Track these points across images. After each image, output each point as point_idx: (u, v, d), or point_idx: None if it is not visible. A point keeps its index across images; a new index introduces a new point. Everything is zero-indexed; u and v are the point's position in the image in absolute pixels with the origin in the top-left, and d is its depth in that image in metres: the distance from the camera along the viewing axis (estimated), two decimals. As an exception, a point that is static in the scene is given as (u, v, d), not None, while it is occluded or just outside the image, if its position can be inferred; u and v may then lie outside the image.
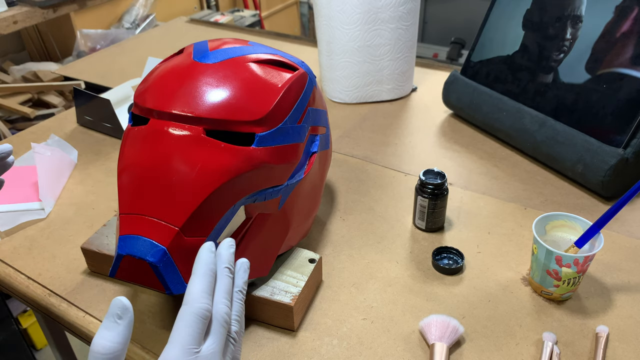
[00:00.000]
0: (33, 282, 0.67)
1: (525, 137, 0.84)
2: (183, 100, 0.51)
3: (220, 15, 2.27)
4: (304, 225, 0.66)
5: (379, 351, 0.56)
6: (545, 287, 0.60)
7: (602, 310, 0.60)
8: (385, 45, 0.99)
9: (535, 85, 0.84)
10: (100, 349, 0.37)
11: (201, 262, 0.42)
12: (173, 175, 0.49)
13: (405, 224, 0.74)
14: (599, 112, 0.76)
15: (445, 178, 0.69)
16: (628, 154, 0.72)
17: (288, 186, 0.57)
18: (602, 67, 0.76)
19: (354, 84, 1.03)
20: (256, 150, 0.52)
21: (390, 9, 0.95)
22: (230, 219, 0.53)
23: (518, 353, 0.55)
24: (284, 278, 0.59)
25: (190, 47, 0.59)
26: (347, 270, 0.66)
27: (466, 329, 0.58)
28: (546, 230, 0.62)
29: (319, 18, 1.01)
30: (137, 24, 1.99)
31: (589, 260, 0.57)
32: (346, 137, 0.95)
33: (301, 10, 3.08)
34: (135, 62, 1.29)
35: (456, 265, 0.66)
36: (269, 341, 0.58)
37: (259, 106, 0.53)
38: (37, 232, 0.75)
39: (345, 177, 0.84)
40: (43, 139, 0.95)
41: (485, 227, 0.73)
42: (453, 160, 0.88)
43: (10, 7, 1.59)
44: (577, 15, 0.79)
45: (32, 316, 1.57)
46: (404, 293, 0.63)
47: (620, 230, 0.72)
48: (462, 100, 0.95)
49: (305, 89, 0.59)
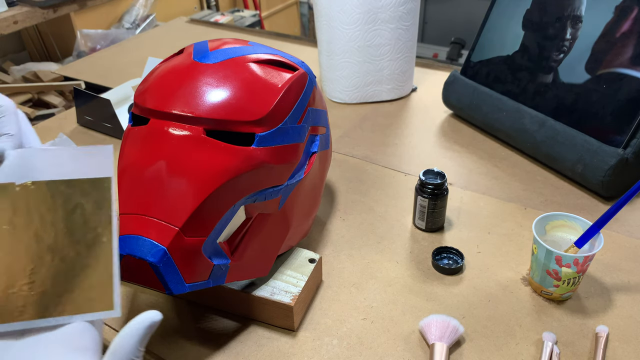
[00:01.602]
0: (33, 282, 0.67)
1: (525, 137, 0.84)
2: (183, 100, 0.51)
3: (220, 15, 2.27)
4: (304, 225, 0.66)
5: (379, 351, 0.56)
6: (545, 287, 0.60)
7: (602, 310, 0.60)
8: (385, 45, 0.99)
9: (535, 86, 0.84)
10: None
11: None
12: (173, 175, 0.49)
13: (405, 224, 0.74)
14: (598, 112, 0.76)
15: (445, 178, 0.69)
16: (628, 154, 0.72)
17: (288, 186, 0.57)
18: (602, 67, 0.76)
19: (354, 84, 1.03)
20: (256, 150, 0.52)
21: (390, 9, 0.95)
22: (230, 219, 0.53)
23: (518, 353, 0.55)
24: (284, 278, 0.59)
25: (190, 47, 0.59)
26: (347, 270, 0.66)
27: (466, 329, 0.58)
28: (546, 230, 0.62)
29: (319, 18, 1.01)
30: (137, 24, 1.99)
31: (588, 260, 0.57)
32: (346, 137, 0.95)
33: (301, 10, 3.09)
34: (135, 62, 1.30)
35: (456, 265, 0.66)
36: (269, 341, 0.58)
37: (259, 106, 0.53)
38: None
39: (345, 177, 0.84)
40: (44, 139, 0.95)
41: (485, 227, 0.73)
42: (453, 160, 0.88)
43: (10, 7, 1.59)
44: (577, 15, 0.79)
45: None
46: (404, 293, 0.63)
47: (620, 230, 0.72)
48: (462, 100, 0.95)
49: (305, 89, 0.59)
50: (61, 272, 0.39)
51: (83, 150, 0.41)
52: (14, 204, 0.40)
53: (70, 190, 0.40)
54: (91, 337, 0.37)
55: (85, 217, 0.40)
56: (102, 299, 0.39)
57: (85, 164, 0.41)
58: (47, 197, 0.40)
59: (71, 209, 0.40)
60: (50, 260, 0.39)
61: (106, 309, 0.39)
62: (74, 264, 0.39)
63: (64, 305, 0.38)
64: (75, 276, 0.39)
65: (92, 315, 0.38)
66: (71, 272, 0.39)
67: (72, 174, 0.40)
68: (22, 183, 0.40)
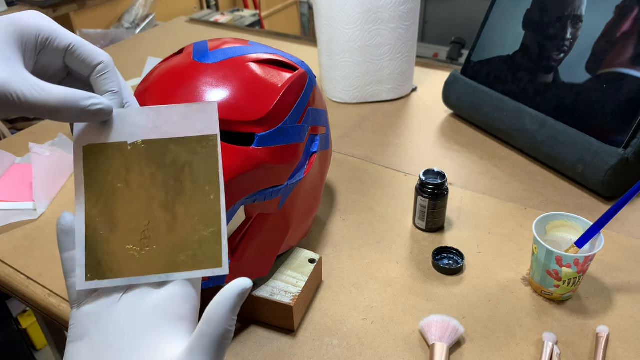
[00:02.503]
0: (33, 282, 0.67)
1: (525, 137, 0.84)
2: (183, 100, 0.51)
3: (220, 15, 2.27)
4: (304, 225, 0.66)
5: (379, 351, 0.56)
6: (546, 287, 0.60)
7: (602, 311, 0.60)
8: (385, 45, 0.99)
9: (536, 85, 0.84)
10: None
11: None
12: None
13: (405, 224, 0.74)
14: (599, 112, 0.76)
15: (445, 178, 0.69)
16: (628, 154, 0.72)
17: (288, 186, 0.57)
18: (602, 67, 0.76)
19: (354, 84, 1.03)
20: (256, 150, 0.52)
21: (390, 9, 0.95)
22: (230, 219, 0.53)
23: (518, 353, 0.55)
24: (284, 278, 0.59)
25: (190, 47, 0.59)
26: (347, 270, 0.66)
27: (466, 329, 0.58)
28: (546, 230, 0.62)
29: (319, 18, 1.01)
30: (137, 24, 1.99)
31: (589, 261, 0.57)
32: (346, 137, 0.95)
33: (301, 10, 3.08)
34: (135, 62, 1.29)
35: (456, 265, 0.66)
36: (269, 341, 0.57)
37: (259, 106, 0.53)
38: (38, 232, 0.75)
39: (345, 177, 0.84)
40: (43, 139, 0.95)
41: (485, 227, 0.73)
42: (453, 160, 0.87)
43: (10, 7, 1.59)
44: (578, 15, 0.79)
45: (32, 316, 1.57)
46: (404, 293, 0.63)
47: (620, 230, 0.72)
48: (462, 100, 0.95)
49: (305, 89, 0.59)
50: (172, 229, 0.40)
51: (189, 108, 0.41)
52: (127, 162, 0.40)
53: (178, 148, 0.40)
54: (190, 306, 0.37)
55: (194, 174, 0.40)
56: (211, 256, 0.39)
57: (192, 119, 0.41)
58: (157, 155, 0.40)
59: (180, 167, 0.40)
60: (163, 217, 0.40)
61: (214, 266, 0.39)
62: (184, 221, 0.40)
63: (173, 263, 0.39)
64: (186, 233, 0.39)
65: (200, 272, 0.39)
66: (182, 229, 0.40)
67: (180, 132, 0.40)
68: (133, 142, 0.40)
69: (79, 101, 0.37)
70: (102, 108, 0.38)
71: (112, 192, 0.40)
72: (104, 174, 0.40)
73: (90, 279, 0.39)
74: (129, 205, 0.40)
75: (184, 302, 0.37)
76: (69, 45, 0.39)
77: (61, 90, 0.36)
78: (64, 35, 0.39)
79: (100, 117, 0.39)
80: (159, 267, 0.39)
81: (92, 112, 0.38)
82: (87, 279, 0.39)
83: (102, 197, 0.40)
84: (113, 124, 0.41)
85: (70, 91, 0.37)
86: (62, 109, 0.36)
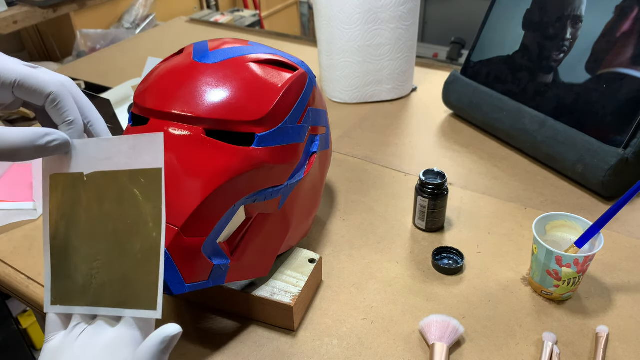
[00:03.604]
0: (33, 282, 0.67)
1: (525, 137, 0.84)
2: (183, 100, 0.51)
3: (220, 15, 2.27)
4: (304, 225, 0.66)
5: (379, 351, 0.56)
6: (546, 287, 0.60)
7: (602, 310, 0.60)
8: (385, 45, 0.99)
9: (536, 85, 0.84)
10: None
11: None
12: (173, 175, 0.49)
13: (405, 224, 0.74)
14: (599, 112, 0.76)
15: (445, 178, 0.69)
16: (628, 154, 0.72)
17: (288, 186, 0.57)
18: (602, 67, 0.76)
19: (354, 84, 1.03)
20: (256, 150, 0.52)
21: (390, 9, 0.95)
22: (230, 219, 0.53)
23: (518, 353, 0.55)
24: (284, 278, 0.59)
25: (190, 47, 0.59)
26: (347, 270, 0.66)
27: (466, 329, 0.58)
28: (546, 230, 0.62)
29: (319, 18, 1.01)
30: (137, 24, 1.99)
31: (589, 261, 0.57)
32: (346, 137, 0.95)
33: (301, 10, 3.08)
34: (135, 62, 1.29)
35: (456, 265, 0.66)
36: (269, 341, 0.58)
37: (259, 106, 0.53)
38: (38, 232, 0.75)
39: (345, 177, 0.84)
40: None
41: (485, 227, 0.73)
42: (453, 160, 0.87)
43: (10, 7, 1.59)
44: (577, 15, 0.79)
45: (32, 316, 1.57)
46: (404, 293, 0.63)
47: (620, 230, 0.72)
48: (462, 100, 0.95)
49: (305, 89, 0.59)
50: (118, 263, 0.40)
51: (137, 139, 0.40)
52: (85, 193, 0.41)
53: (126, 181, 0.40)
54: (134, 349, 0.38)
55: (139, 209, 0.40)
56: (146, 297, 0.39)
57: (140, 151, 0.40)
58: (109, 188, 0.41)
59: (129, 200, 0.40)
60: (112, 251, 0.40)
61: (149, 308, 0.39)
62: (128, 257, 0.40)
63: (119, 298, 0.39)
64: (129, 270, 0.40)
65: (133, 312, 0.39)
66: (126, 265, 0.40)
67: (130, 164, 0.40)
68: (89, 172, 0.41)
69: (35, 141, 0.38)
70: (59, 143, 0.39)
71: (74, 222, 0.41)
72: (67, 204, 0.41)
73: (54, 304, 0.41)
74: (87, 236, 0.41)
75: (128, 346, 0.38)
76: (15, 82, 0.39)
77: (16, 133, 0.37)
78: (8, 72, 0.39)
79: (59, 150, 0.40)
80: (107, 300, 0.40)
81: (50, 149, 0.39)
82: (52, 303, 0.41)
83: (65, 226, 0.41)
84: (72, 155, 0.41)
85: (26, 131, 0.37)
86: (19, 151, 0.37)
